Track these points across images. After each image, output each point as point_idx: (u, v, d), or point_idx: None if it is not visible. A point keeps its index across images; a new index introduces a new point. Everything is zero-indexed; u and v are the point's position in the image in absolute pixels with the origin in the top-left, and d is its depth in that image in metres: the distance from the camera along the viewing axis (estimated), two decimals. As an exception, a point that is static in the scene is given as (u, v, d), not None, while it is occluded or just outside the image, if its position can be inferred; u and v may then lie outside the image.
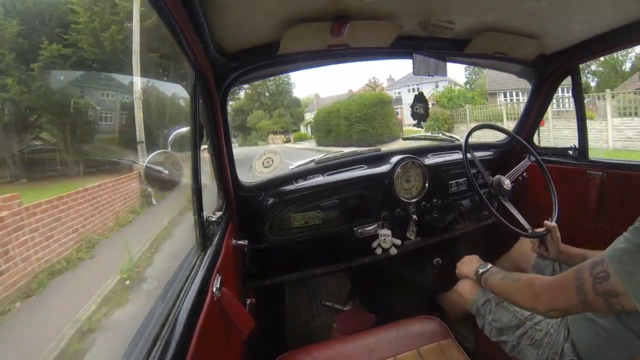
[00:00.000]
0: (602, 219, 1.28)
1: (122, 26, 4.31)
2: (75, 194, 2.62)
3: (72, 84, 3.61)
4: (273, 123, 23.65)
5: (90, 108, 3.74)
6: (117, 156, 3.68)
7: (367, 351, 0.92)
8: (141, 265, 2.72)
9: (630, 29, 1.03)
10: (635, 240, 0.57)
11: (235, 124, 24.46)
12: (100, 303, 2.10)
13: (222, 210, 1.08)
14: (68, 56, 3.95)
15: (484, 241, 1.75)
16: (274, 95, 24.96)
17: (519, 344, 0.91)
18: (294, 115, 24.57)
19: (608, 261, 0.60)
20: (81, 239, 2.50)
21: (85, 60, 4.27)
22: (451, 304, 1.25)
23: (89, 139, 3.75)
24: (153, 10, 0.54)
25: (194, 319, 0.58)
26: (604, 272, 0.59)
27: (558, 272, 1.05)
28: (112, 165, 3.53)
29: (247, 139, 24.28)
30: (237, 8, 0.77)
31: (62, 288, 2.05)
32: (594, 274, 0.61)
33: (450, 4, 0.94)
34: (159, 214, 3.60)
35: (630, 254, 0.57)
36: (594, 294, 0.60)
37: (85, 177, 3.03)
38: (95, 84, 3.96)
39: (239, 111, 24.79)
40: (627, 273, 0.57)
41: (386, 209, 1.38)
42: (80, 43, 4.15)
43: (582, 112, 1.38)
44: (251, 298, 1.13)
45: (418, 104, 1.41)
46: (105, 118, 3.92)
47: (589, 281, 0.61)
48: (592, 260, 0.63)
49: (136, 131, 3.49)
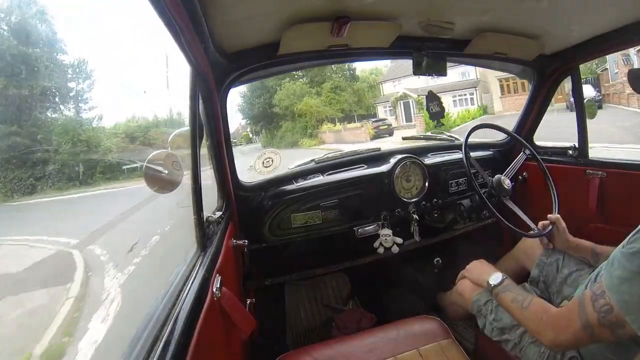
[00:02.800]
0: (602, 218, 1.28)
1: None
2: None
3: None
4: (326, 103, 14.23)
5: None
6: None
7: (367, 351, 0.92)
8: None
9: (630, 29, 1.03)
10: (631, 268, 0.58)
11: (254, 112, 15.78)
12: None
13: (222, 210, 1.08)
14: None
15: (485, 241, 1.75)
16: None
17: (521, 342, 0.91)
18: (361, 92, 15.21)
19: (609, 293, 0.60)
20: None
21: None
22: (451, 304, 1.25)
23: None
24: (153, 10, 0.54)
25: (194, 319, 0.58)
26: (607, 305, 0.59)
27: (562, 272, 1.05)
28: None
29: (278, 135, 14.93)
30: (237, 8, 0.77)
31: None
32: (597, 307, 0.61)
33: (450, 4, 0.94)
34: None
35: (627, 282, 0.58)
36: (600, 327, 0.60)
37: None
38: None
39: (260, 90, 15.48)
40: (626, 302, 0.57)
41: (386, 208, 1.38)
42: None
43: (582, 112, 1.38)
44: (251, 298, 1.13)
45: (432, 103, 1.41)
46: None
47: (594, 316, 0.61)
48: (592, 292, 0.63)
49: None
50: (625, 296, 0.57)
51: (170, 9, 0.55)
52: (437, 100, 1.41)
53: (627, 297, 0.57)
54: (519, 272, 1.24)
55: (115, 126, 7.95)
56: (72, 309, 2.57)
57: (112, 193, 6.19)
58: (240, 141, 25.08)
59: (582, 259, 1.03)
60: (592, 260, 0.99)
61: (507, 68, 1.58)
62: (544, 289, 1.10)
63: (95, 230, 4.41)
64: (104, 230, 4.50)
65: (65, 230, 4.31)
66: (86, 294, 2.88)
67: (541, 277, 1.11)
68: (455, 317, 1.26)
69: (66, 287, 2.96)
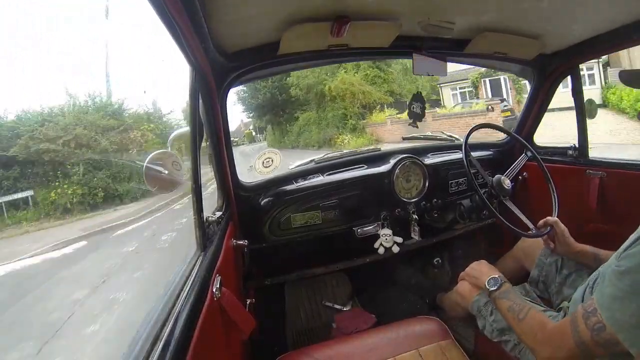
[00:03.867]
0: (602, 218, 1.28)
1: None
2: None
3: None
4: (369, 82, 8.95)
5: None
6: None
7: (367, 351, 0.92)
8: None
9: (630, 29, 1.03)
10: (622, 287, 0.58)
11: (259, 100, 11.22)
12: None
13: (222, 210, 1.08)
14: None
15: (485, 241, 1.75)
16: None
17: (520, 342, 0.91)
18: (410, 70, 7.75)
19: (600, 310, 0.60)
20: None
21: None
22: (451, 304, 1.25)
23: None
24: (152, 9, 0.54)
25: (194, 319, 0.58)
26: (600, 323, 0.59)
27: (561, 272, 1.05)
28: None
29: (293, 131, 9.94)
30: (237, 8, 0.77)
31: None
32: (589, 325, 0.60)
33: (450, 4, 0.94)
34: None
35: (619, 301, 0.58)
36: (594, 345, 0.60)
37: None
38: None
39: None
40: (617, 320, 0.57)
41: (386, 208, 1.38)
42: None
43: (582, 112, 1.38)
44: (251, 298, 1.13)
45: (415, 103, 1.40)
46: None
47: (588, 334, 0.60)
48: (584, 310, 0.62)
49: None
50: (616, 314, 0.57)
51: (170, 9, 0.55)
52: (421, 102, 1.40)
53: (618, 315, 0.57)
54: (518, 272, 1.24)
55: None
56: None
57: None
58: (242, 140, 22.82)
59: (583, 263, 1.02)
60: (595, 266, 0.98)
61: (507, 68, 1.58)
62: (544, 290, 1.10)
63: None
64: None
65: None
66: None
67: (541, 277, 1.11)
68: (455, 318, 1.26)
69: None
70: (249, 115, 16.71)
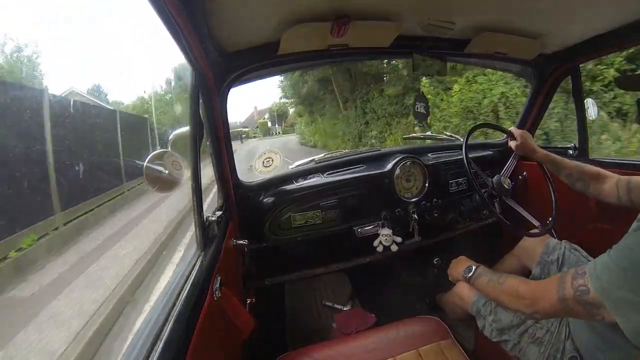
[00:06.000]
0: (602, 218, 1.28)
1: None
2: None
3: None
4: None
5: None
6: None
7: (367, 351, 0.92)
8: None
9: (630, 28, 1.03)
10: (617, 262, 0.58)
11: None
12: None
13: (222, 209, 1.08)
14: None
15: (485, 241, 1.75)
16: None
17: (520, 342, 0.91)
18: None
19: (588, 275, 0.61)
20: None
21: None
22: (451, 305, 1.25)
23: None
24: (152, 9, 0.54)
25: (194, 319, 0.58)
26: (584, 287, 0.60)
27: (563, 270, 1.05)
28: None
29: (366, 114, 8.74)
30: (237, 8, 0.77)
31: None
32: (574, 286, 0.62)
33: (450, 4, 0.94)
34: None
35: (608, 272, 0.58)
36: (575, 303, 0.61)
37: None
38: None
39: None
40: (603, 288, 0.58)
41: (386, 208, 1.38)
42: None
43: (582, 112, 1.39)
44: (251, 298, 1.13)
45: (419, 103, 1.40)
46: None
47: (571, 292, 0.62)
48: (574, 271, 0.64)
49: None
50: (603, 283, 0.58)
51: (170, 9, 0.55)
52: (425, 102, 1.40)
53: (605, 284, 0.58)
54: (520, 270, 1.24)
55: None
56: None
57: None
58: (255, 132, 17.91)
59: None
60: (553, 170, 1.15)
61: (507, 68, 1.58)
62: None
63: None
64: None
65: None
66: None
67: (542, 275, 1.11)
68: (455, 318, 1.26)
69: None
70: (282, 96, 15.29)
